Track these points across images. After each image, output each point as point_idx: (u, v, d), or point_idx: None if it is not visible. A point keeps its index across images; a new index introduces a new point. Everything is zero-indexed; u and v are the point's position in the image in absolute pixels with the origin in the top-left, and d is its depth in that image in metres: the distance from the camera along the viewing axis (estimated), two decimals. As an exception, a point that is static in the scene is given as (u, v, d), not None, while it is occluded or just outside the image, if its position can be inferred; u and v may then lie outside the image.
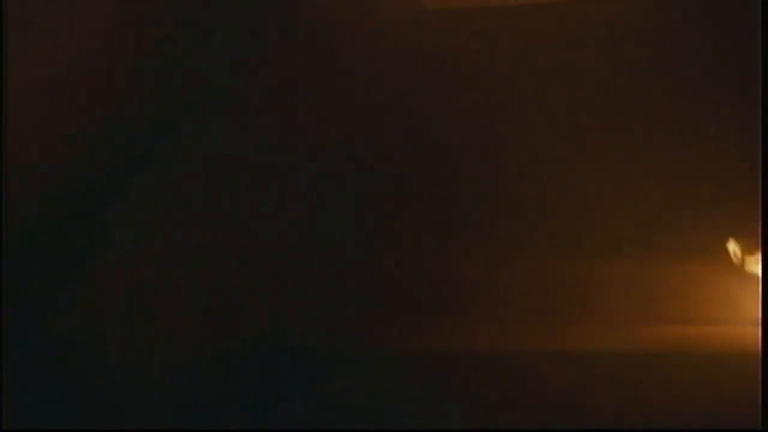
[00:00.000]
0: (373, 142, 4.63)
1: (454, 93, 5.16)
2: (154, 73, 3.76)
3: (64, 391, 3.25)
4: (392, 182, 4.58)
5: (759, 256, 3.99)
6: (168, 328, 3.50)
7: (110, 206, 3.59)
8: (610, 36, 5.40)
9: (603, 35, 5.57)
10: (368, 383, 3.59)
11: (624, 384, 3.61)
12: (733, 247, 4.02)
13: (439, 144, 4.74)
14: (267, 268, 3.94)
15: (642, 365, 3.65)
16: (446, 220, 4.51)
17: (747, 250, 4.01)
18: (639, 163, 4.50)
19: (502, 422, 3.56)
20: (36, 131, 3.36)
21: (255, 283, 3.91)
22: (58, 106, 3.41)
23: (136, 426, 3.20)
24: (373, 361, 3.66)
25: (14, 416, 3.02)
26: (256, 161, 4.16)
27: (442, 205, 4.56)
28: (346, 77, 4.73)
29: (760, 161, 3.20)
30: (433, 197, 4.57)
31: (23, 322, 3.21)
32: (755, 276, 4.00)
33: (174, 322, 3.55)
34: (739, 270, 4.03)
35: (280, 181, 4.23)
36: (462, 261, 4.28)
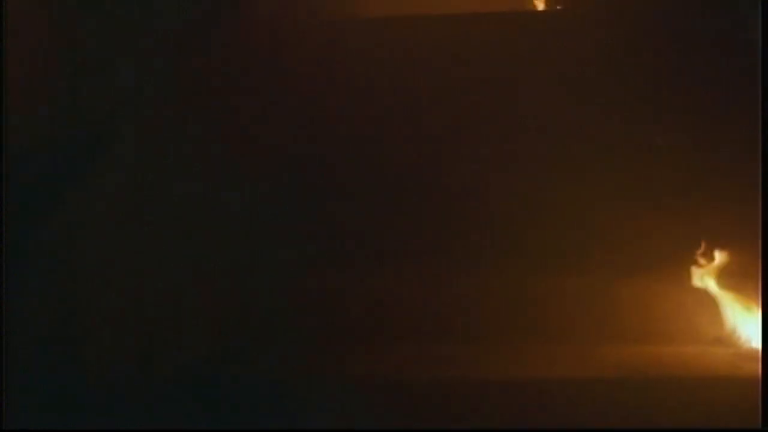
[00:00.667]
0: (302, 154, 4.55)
1: (384, 106, 5.10)
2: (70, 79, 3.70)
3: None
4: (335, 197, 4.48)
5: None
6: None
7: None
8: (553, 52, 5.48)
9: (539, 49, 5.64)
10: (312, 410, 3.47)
11: (584, 409, 3.46)
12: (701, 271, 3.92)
13: (373, 160, 4.65)
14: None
15: (602, 389, 3.49)
16: (390, 240, 4.37)
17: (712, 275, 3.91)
18: (597, 183, 4.42)
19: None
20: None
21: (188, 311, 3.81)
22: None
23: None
24: (319, 388, 3.53)
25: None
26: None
27: (382, 222, 4.42)
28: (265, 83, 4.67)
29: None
30: (373, 213, 4.44)
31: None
32: (713, 295, 3.88)
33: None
34: (697, 289, 3.92)
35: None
36: (411, 283, 4.12)
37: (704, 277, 3.89)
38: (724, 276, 3.86)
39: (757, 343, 3.68)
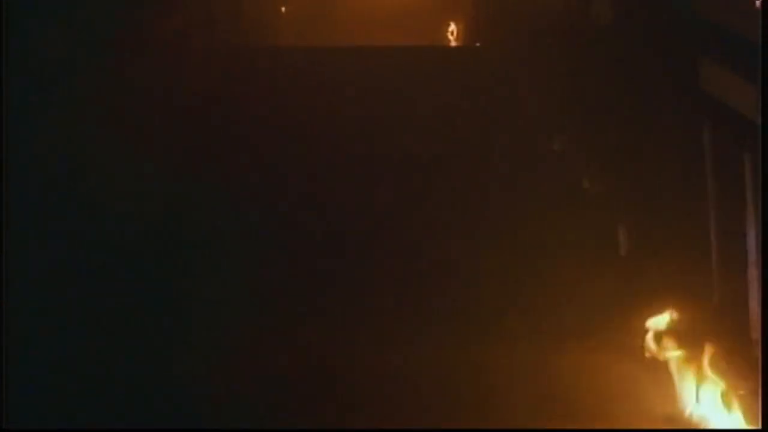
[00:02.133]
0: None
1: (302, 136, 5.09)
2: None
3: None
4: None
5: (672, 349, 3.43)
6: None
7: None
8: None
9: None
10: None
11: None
12: (649, 339, 3.45)
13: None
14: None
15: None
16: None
17: (662, 343, 3.44)
18: (533, 241, 4.08)
19: None
20: None
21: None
22: None
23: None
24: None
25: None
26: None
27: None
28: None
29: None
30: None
31: None
32: (665, 366, 3.44)
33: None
34: (651, 363, 3.47)
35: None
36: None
37: (655, 344, 3.45)
38: (678, 342, 3.41)
39: (714, 424, 3.27)
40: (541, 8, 5.73)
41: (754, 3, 3.15)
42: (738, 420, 3.01)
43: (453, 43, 9.92)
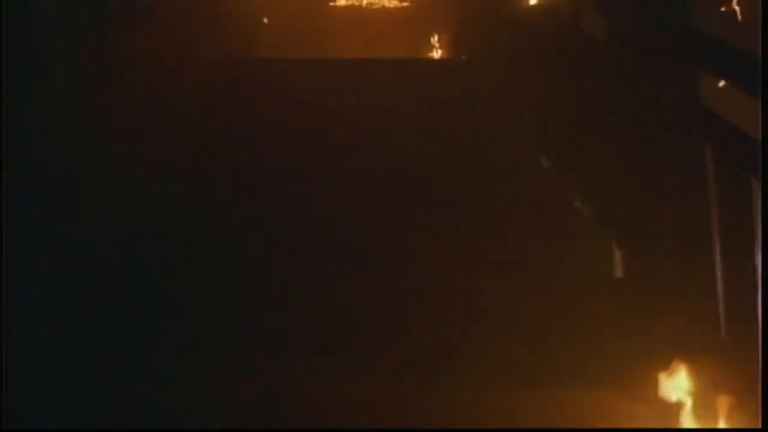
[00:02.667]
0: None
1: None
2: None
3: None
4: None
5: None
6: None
7: None
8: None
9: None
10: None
11: None
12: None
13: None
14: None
15: None
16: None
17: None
18: (540, 282, 3.89)
19: None
20: None
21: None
22: None
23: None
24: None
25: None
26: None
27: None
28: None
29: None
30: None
31: None
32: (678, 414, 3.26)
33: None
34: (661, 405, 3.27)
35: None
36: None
37: (669, 392, 3.21)
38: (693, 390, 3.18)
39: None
40: (529, 21, 5.60)
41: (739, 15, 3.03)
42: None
43: (439, 56, 9.83)
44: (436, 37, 9.85)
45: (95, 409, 3.21)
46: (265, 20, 9.94)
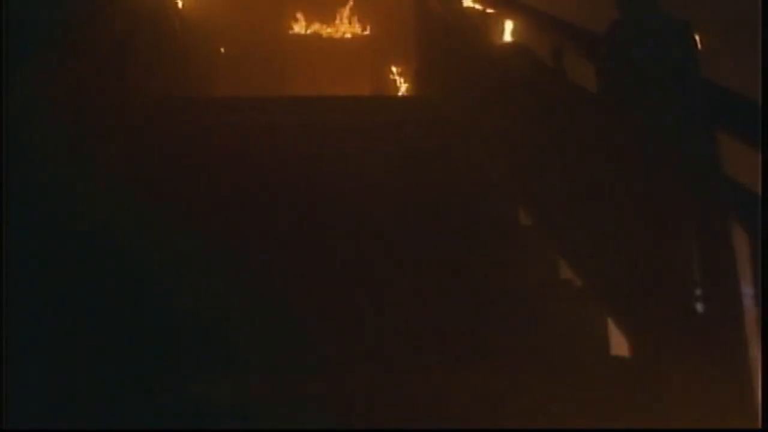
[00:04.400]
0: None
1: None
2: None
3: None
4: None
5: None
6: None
7: None
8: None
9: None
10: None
11: None
12: None
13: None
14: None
15: None
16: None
17: None
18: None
19: None
20: None
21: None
22: None
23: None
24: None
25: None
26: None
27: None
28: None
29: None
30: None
31: None
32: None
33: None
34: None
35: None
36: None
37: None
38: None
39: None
40: (502, 59, 5.18)
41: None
42: None
43: (402, 86, 9.58)
44: (398, 69, 9.63)
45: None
46: (222, 50, 9.74)
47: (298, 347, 3.60)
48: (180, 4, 7.69)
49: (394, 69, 9.86)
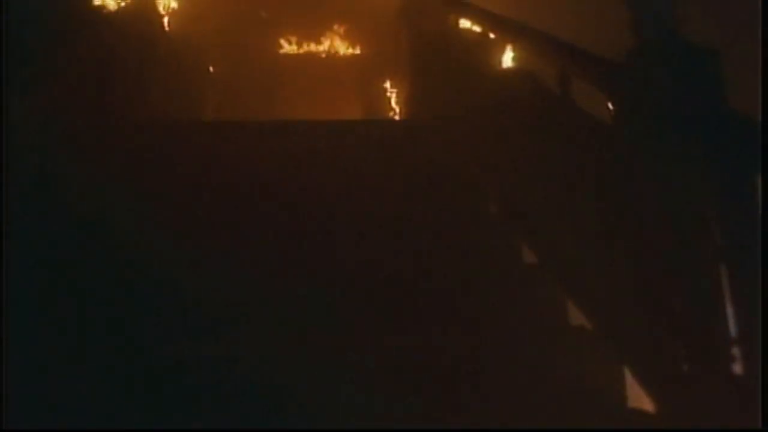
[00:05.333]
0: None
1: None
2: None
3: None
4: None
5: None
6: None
7: None
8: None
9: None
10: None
11: None
12: None
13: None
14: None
15: None
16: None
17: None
18: None
19: None
20: None
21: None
22: None
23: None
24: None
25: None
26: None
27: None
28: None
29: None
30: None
31: None
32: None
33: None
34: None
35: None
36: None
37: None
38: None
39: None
40: (500, 84, 4.94)
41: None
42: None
43: (394, 108, 9.40)
44: (389, 87, 9.45)
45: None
46: (211, 69, 9.56)
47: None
48: (166, 26, 7.51)
49: (387, 86, 9.65)
